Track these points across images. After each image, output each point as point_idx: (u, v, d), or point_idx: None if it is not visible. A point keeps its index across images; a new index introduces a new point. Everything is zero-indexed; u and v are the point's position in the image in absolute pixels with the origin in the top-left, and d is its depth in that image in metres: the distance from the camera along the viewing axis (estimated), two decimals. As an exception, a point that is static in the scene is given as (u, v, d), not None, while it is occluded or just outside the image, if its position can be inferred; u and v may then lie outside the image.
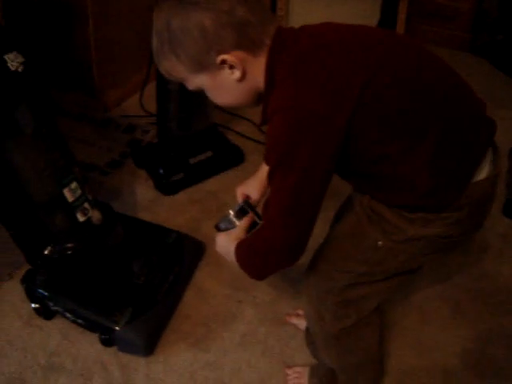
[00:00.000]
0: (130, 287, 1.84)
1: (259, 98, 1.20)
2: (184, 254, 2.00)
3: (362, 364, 1.58)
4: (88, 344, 1.80)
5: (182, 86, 2.17)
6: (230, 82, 1.15)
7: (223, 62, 1.11)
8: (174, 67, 1.16)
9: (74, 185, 1.65)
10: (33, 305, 1.84)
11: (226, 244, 1.36)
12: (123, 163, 2.55)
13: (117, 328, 1.71)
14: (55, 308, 1.80)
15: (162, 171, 2.39)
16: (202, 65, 1.13)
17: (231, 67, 1.12)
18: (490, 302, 1.99)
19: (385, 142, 1.11)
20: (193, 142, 2.43)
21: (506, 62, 3.24)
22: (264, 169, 1.53)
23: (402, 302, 1.95)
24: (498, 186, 1.24)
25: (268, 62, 1.12)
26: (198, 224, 2.24)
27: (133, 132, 2.73)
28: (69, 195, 1.64)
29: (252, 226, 1.42)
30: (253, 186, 1.55)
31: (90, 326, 1.78)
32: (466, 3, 3.31)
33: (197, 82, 1.19)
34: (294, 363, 1.78)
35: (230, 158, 2.54)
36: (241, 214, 1.43)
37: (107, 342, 1.76)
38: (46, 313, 1.85)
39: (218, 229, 1.46)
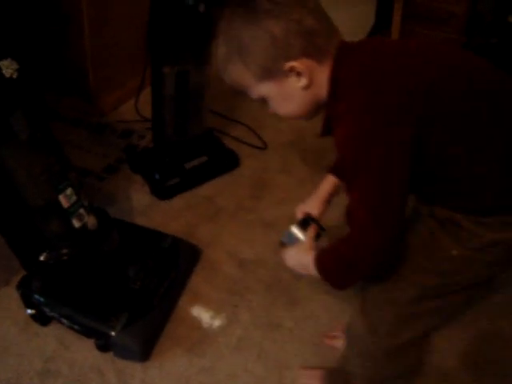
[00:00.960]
0: (125, 292, 1.84)
1: (318, 109, 1.24)
2: (180, 258, 2.00)
3: (391, 377, 1.52)
4: (84, 350, 1.80)
5: (177, 92, 2.20)
6: (296, 89, 1.18)
7: (291, 69, 1.14)
8: (242, 75, 1.19)
9: (69, 191, 1.66)
10: (29, 311, 1.84)
11: (298, 257, 1.37)
12: (119, 168, 2.55)
13: (113, 333, 1.72)
14: (51, 314, 1.80)
15: (157, 176, 2.40)
16: (270, 72, 1.16)
17: (298, 74, 1.15)
18: (486, 304, 1.99)
19: (454, 143, 1.13)
20: (188, 146, 2.44)
21: (500, 65, 3.24)
22: (323, 187, 1.55)
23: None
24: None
25: (333, 70, 1.16)
26: (193, 229, 2.25)
27: (128, 137, 2.74)
28: (64, 201, 1.64)
29: (317, 236, 1.44)
30: (312, 204, 1.54)
31: (86, 332, 1.78)
32: (461, 6, 3.31)
33: (262, 90, 1.21)
34: (289, 367, 1.78)
35: (226, 163, 2.55)
36: (304, 225, 1.46)
37: (103, 348, 1.76)
38: (42, 319, 1.85)
39: (283, 244, 1.48)
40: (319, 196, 1.54)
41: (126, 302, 1.80)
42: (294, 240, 1.45)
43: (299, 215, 1.53)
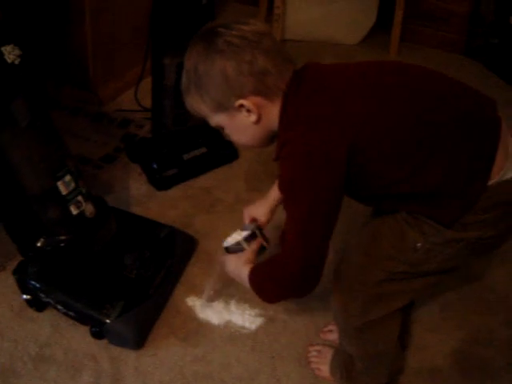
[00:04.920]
0: (121, 281, 1.85)
1: (272, 139, 1.34)
2: (176, 248, 2.01)
3: (381, 354, 1.60)
4: (79, 336, 1.81)
5: (177, 83, 2.20)
6: (247, 123, 1.28)
7: (241, 106, 1.24)
8: (198, 105, 1.31)
9: (68, 178, 1.66)
10: (24, 296, 1.85)
11: (237, 267, 1.46)
12: (117, 157, 2.56)
13: (108, 321, 1.72)
14: (47, 300, 1.81)
15: (155, 166, 2.40)
16: (223, 106, 1.27)
17: (248, 111, 1.25)
18: (478, 303, 2.01)
19: (392, 170, 1.23)
20: (187, 137, 2.44)
21: (500, 65, 3.26)
22: (272, 194, 1.65)
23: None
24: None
25: (282, 105, 1.25)
26: (190, 219, 2.25)
27: (127, 126, 2.74)
28: (63, 188, 1.65)
29: (260, 249, 1.52)
30: (260, 210, 1.65)
31: (81, 319, 1.79)
32: (462, 6, 3.32)
33: (217, 120, 1.32)
34: (282, 359, 1.79)
35: (224, 155, 2.55)
36: (250, 238, 1.52)
37: (98, 335, 1.77)
38: (37, 304, 1.85)
39: (227, 250, 1.55)
40: (268, 203, 1.65)
41: (122, 291, 1.81)
42: (237, 249, 1.53)
43: (246, 219, 1.66)
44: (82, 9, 2.54)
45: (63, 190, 1.66)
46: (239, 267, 1.45)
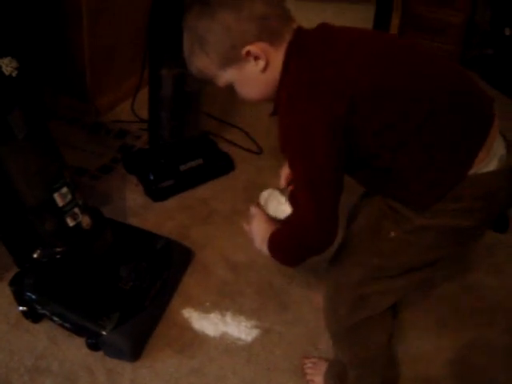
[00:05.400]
0: (117, 292, 1.85)
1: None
2: (172, 260, 2.01)
3: (371, 359, 1.60)
4: (75, 348, 1.81)
5: (174, 94, 2.21)
6: (255, 73, 1.27)
7: (248, 53, 1.23)
8: (205, 65, 1.29)
9: (64, 189, 1.67)
10: (20, 308, 1.85)
11: (263, 230, 1.47)
12: (114, 168, 2.56)
13: (104, 333, 1.72)
14: (43, 311, 1.81)
15: (152, 177, 2.41)
16: (230, 59, 1.26)
17: (255, 58, 1.24)
18: (474, 313, 2.01)
19: (379, 139, 1.23)
20: (184, 149, 2.45)
21: (495, 75, 3.28)
22: None
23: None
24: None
25: (285, 55, 1.24)
26: (187, 230, 2.26)
27: (124, 137, 2.75)
28: (59, 200, 1.66)
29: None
30: None
31: (77, 330, 1.79)
32: (458, 17, 3.34)
33: (226, 77, 1.30)
34: (278, 371, 1.79)
35: (221, 166, 2.56)
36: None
37: (94, 347, 1.77)
38: (33, 316, 1.85)
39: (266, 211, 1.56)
40: None
41: (118, 302, 1.81)
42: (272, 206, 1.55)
43: (283, 179, 1.61)
44: (79, 20, 2.55)
45: (60, 202, 1.66)
46: (265, 231, 1.45)
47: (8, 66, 1.47)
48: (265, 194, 1.60)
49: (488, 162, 1.23)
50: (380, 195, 1.38)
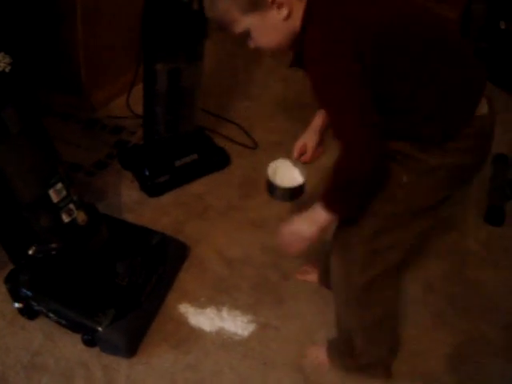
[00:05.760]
0: (113, 288, 1.85)
1: (292, 43, 1.36)
2: (168, 255, 2.01)
3: (380, 320, 1.66)
4: (71, 344, 1.81)
5: (169, 89, 2.20)
6: (277, 21, 1.30)
7: (273, 1, 1.27)
8: (228, 8, 1.30)
9: (59, 185, 1.66)
10: (16, 304, 1.84)
11: (299, 219, 1.46)
12: (109, 164, 2.55)
13: (99, 329, 1.72)
14: (38, 308, 1.81)
15: (147, 173, 2.40)
16: (255, 5, 1.29)
17: (279, 6, 1.28)
18: (470, 308, 2.02)
19: (399, 78, 1.29)
20: (179, 144, 2.44)
21: (491, 69, 3.28)
22: (315, 120, 1.68)
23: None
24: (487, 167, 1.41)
25: (307, 5, 1.29)
26: (182, 226, 2.25)
27: (119, 133, 2.74)
28: (54, 196, 1.65)
29: (298, 191, 1.61)
30: (307, 135, 1.69)
31: (73, 327, 1.79)
32: (453, 11, 3.33)
33: (246, 23, 1.32)
34: (274, 365, 1.80)
35: (216, 161, 2.56)
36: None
37: (90, 343, 1.77)
38: (29, 313, 1.85)
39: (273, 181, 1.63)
40: (312, 128, 1.68)
41: (114, 298, 1.81)
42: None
43: (296, 153, 1.68)
44: (73, 15, 2.54)
45: (55, 198, 1.65)
46: (301, 218, 1.45)
47: (1, 61, 1.46)
48: (273, 165, 1.65)
49: (482, 106, 1.37)
50: (392, 141, 1.38)
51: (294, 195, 1.64)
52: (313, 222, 1.41)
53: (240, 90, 3.07)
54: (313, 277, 2.06)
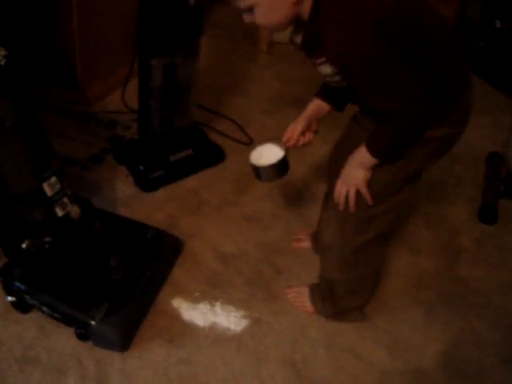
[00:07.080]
0: (107, 282, 1.85)
1: (291, 24, 1.42)
2: (162, 250, 2.01)
3: (362, 277, 1.81)
4: (64, 338, 1.80)
5: (164, 84, 2.20)
6: (288, 2, 1.34)
7: None
8: None
9: (53, 179, 1.66)
10: (9, 298, 1.84)
11: (354, 165, 1.55)
12: (104, 159, 2.55)
13: (93, 323, 1.72)
14: (32, 301, 1.81)
15: (142, 168, 2.40)
16: None
17: None
18: (463, 305, 2.03)
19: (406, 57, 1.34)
20: (174, 139, 2.44)
21: (486, 68, 3.29)
22: (309, 107, 1.72)
23: (375, 301, 1.98)
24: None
25: None
26: (176, 221, 2.26)
27: (114, 128, 2.74)
28: (48, 189, 1.65)
29: (284, 169, 1.67)
30: (296, 122, 1.72)
31: (66, 320, 1.79)
32: (449, 10, 3.34)
33: None
34: (268, 360, 1.80)
35: (211, 157, 2.56)
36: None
37: (83, 337, 1.77)
38: (22, 306, 1.85)
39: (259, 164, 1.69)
40: (303, 115, 1.72)
41: (107, 292, 1.81)
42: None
43: (284, 138, 1.71)
44: (69, 9, 2.54)
45: (48, 192, 1.65)
46: (348, 166, 1.55)
47: (-4, 54, 1.46)
48: (256, 152, 1.72)
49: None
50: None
51: (280, 171, 1.68)
52: (361, 165, 1.51)
53: (235, 86, 3.07)
54: (306, 244, 2.18)
